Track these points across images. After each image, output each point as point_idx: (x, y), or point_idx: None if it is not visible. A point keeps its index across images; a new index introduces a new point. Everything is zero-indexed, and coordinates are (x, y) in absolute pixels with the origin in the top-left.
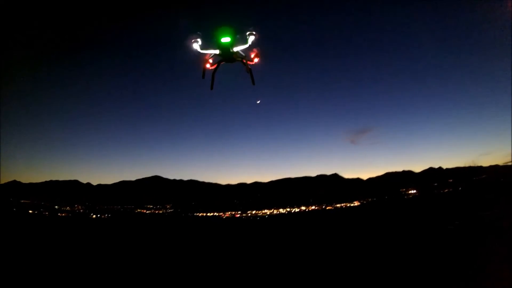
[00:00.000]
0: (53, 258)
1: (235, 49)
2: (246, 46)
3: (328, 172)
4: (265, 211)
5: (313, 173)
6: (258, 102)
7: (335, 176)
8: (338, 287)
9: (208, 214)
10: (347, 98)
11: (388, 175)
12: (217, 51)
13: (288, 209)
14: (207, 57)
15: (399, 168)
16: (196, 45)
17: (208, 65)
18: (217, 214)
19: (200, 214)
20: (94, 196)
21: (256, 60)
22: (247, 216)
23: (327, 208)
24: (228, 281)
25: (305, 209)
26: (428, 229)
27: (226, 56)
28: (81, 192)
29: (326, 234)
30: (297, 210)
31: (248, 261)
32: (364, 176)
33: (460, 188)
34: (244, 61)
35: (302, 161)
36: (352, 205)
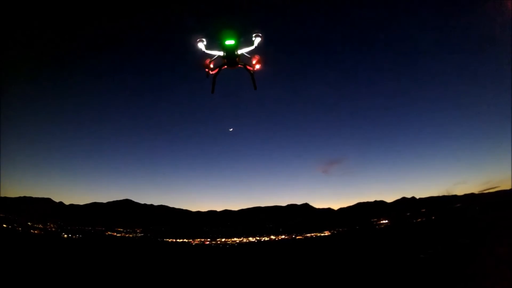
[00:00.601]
0: (25, 274)
1: (240, 51)
2: (252, 48)
3: (299, 201)
4: (235, 239)
5: (283, 203)
6: (231, 130)
7: (306, 205)
8: None
9: (178, 240)
10: (319, 129)
11: (359, 205)
12: (221, 53)
13: (258, 238)
14: (207, 62)
15: (371, 198)
16: (201, 45)
17: (209, 70)
18: (186, 241)
19: (170, 240)
20: (66, 215)
21: (257, 66)
22: (216, 244)
23: (297, 237)
24: None
25: (275, 238)
26: (400, 259)
27: (230, 58)
28: (53, 211)
29: (296, 264)
30: (266, 239)
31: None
32: (335, 206)
33: (433, 217)
34: (248, 67)
35: (272, 190)
36: (322, 235)
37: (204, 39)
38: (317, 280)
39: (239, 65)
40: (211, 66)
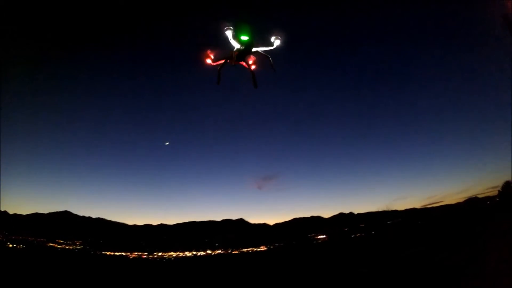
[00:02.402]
0: None
1: (256, 49)
2: (271, 48)
3: (234, 217)
4: (171, 253)
5: (218, 218)
6: (167, 144)
7: (241, 221)
8: None
9: (116, 253)
10: (254, 144)
11: (296, 221)
12: (237, 45)
13: (194, 252)
14: (208, 52)
15: (307, 214)
16: (229, 33)
17: (209, 60)
18: (124, 254)
19: (108, 253)
20: (10, 225)
21: (253, 67)
22: (153, 258)
23: (233, 252)
24: None
25: (211, 253)
26: (338, 273)
27: (243, 53)
28: None
29: (233, 279)
30: (203, 253)
31: None
32: (271, 222)
33: (373, 232)
34: (250, 66)
35: (207, 205)
36: (258, 250)
37: (231, 27)
38: None
39: (243, 62)
40: (212, 56)
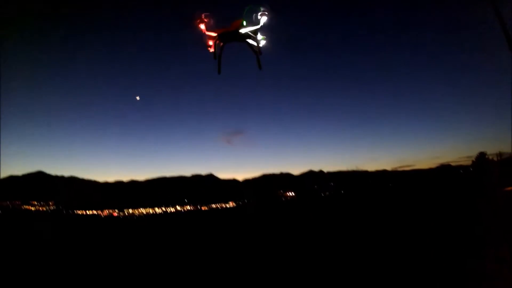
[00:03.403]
0: None
1: (244, 30)
2: (257, 27)
3: (204, 171)
4: (141, 210)
5: (188, 173)
6: (138, 98)
7: (211, 176)
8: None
9: (88, 212)
10: (222, 98)
11: (265, 177)
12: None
13: (164, 209)
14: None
15: (277, 171)
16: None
17: (202, 26)
18: (96, 213)
19: (80, 212)
20: None
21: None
22: (124, 215)
23: (203, 208)
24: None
25: (181, 209)
26: (308, 231)
27: (232, 36)
28: None
29: (201, 235)
30: (172, 210)
31: (122, 262)
32: (240, 177)
33: (342, 191)
34: (252, 43)
35: (178, 160)
36: (227, 205)
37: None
38: (223, 251)
39: (243, 40)
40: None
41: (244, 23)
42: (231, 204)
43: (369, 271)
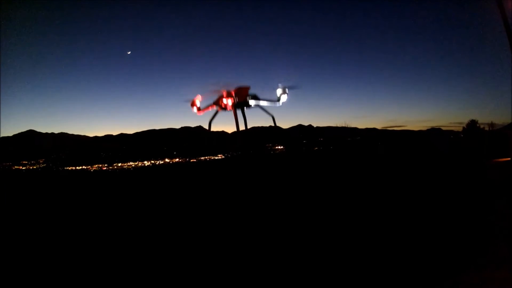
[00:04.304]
0: None
1: (254, 103)
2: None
3: (192, 124)
4: (130, 163)
5: (177, 125)
6: (129, 53)
7: (200, 128)
8: (198, 239)
9: (77, 167)
10: (213, 48)
11: (254, 130)
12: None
13: (153, 162)
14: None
15: (266, 124)
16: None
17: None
18: (85, 168)
19: (69, 168)
20: None
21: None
22: (113, 169)
23: (191, 160)
24: (94, 234)
25: (169, 162)
26: (297, 185)
27: (239, 106)
28: None
29: (190, 186)
30: (161, 162)
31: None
32: (229, 130)
33: (331, 147)
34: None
35: (166, 112)
36: (216, 158)
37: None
38: (212, 204)
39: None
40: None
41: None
42: (219, 156)
43: (354, 225)
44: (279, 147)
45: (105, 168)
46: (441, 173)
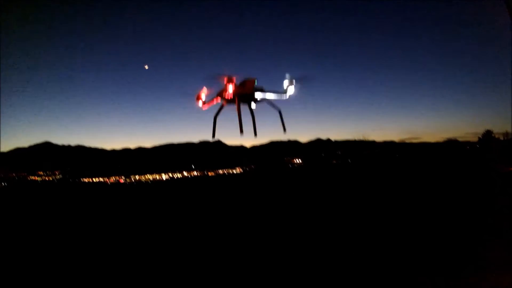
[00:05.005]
0: None
1: (261, 96)
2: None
3: (211, 138)
4: (148, 176)
5: (196, 139)
6: (146, 67)
7: (218, 142)
8: (218, 251)
9: (94, 179)
10: (232, 65)
11: (272, 144)
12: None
13: (171, 175)
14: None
15: (285, 138)
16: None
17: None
18: (102, 180)
19: (86, 180)
20: None
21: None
22: (130, 182)
23: (209, 174)
24: (110, 247)
25: (188, 175)
26: (311, 197)
27: (244, 99)
28: None
29: (208, 199)
30: (179, 176)
31: (129, 227)
32: (248, 144)
33: (349, 160)
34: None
35: (185, 127)
36: (234, 171)
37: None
38: (230, 216)
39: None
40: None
41: (256, 82)
42: (238, 170)
43: (372, 235)
44: (297, 160)
45: (122, 180)
46: (455, 184)
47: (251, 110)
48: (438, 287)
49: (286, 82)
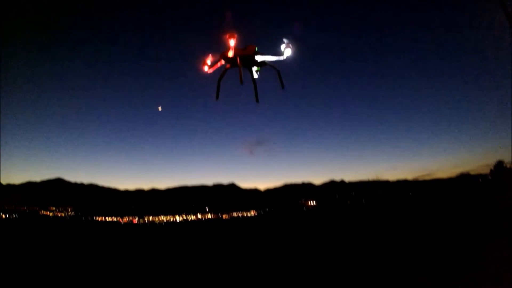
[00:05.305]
0: None
1: (261, 58)
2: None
3: (225, 181)
4: (162, 217)
5: (209, 182)
6: (160, 109)
7: (232, 185)
8: None
9: (107, 218)
10: (244, 108)
11: (287, 187)
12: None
13: (184, 217)
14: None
15: (299, 180)
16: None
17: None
18: (115, 219)
19: (99, 219)
20: (3, 195)
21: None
22: (144, 222)
23: (223, 217)
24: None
25: (201, 217)
26: (326, 240)
27: (246, 61)
28: None
29: (222, 242)
30: (193, 218)
31: (143, 269)
32: (262, 187)
33: (363, 201)
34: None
35: (199, 170)
36: (249, 214)
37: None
38: (244, 259)
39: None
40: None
41: (257, 49)
42: (252, 213)
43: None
44: (311, 203)
45: (135, 221)
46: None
47: (252, 78)
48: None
49: (283, 46)
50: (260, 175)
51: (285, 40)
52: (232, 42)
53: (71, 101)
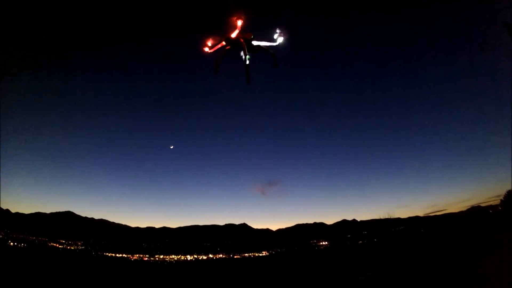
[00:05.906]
0: None
1: (256, 43)
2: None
3: (237, 221)
4: (172, 256)
5: (221, 222)
6: (171, 147)
7: (244, 226)
8: None
9: (117, 255)
10: (257, 150)
11: (298, 227)
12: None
13: (196, 256)
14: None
15: (310, 221)
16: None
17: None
18: (125, 256)
19: (109, 255)
20: (12, 223)
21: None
22: (154, 260)
23: (235, 257)
24: None
25: (213, 257)
26: (338, 280)
27: (245, 43)
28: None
29: (234, 283)
30: (204, 257)
31: None
32: (274, 227)
33: (375, 240)
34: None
35: (210, 209)
36: (260, 254)
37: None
38: None
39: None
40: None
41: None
42: (264, 253)
43: None
44: (323, 242)
45: (146, 258)
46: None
47: (245, 63)
48: None
49: (276, 34)
50: (272, 216)
51: (278, 30)
52: (239, 23)
53: (85, 137)
